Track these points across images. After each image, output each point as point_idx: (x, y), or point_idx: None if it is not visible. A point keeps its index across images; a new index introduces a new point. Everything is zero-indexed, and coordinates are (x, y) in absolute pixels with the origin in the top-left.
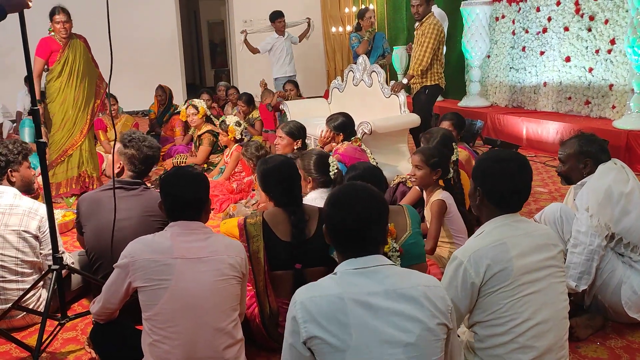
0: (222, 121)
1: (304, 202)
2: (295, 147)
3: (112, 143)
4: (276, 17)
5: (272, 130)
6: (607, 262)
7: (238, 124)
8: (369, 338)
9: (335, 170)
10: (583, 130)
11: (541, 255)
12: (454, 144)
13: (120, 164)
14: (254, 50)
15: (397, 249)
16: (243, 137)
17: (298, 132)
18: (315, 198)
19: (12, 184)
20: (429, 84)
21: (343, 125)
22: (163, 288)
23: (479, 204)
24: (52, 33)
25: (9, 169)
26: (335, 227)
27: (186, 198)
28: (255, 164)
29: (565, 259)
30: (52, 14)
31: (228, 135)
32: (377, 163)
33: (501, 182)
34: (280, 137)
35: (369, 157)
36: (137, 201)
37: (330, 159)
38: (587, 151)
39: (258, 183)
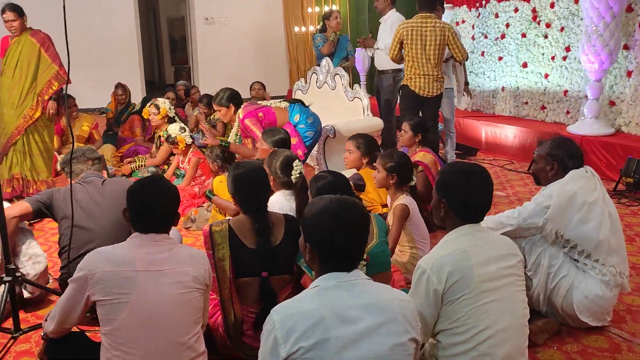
0: (168, 136)
1: (268, 207)
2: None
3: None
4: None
5: None
6: (559, 266)
7: (183, 129)
8: (347, 352)
9: (298, 175)
10: (539, 135)
11: (501, 264)
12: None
13: None
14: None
15: (364, 257)
16: (200, 139)
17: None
18: (279, 200)
19: None
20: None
21: (233, 96)
22: (124, 302)
23: (444, 215)
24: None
25: None
26: (323, 245)
27: (156, 211)
28: (219, 166)
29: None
30: (1, 12)
31: (179, 146)
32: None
33: (466, 194)
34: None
35: (269, 104)
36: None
37: (295, 163)
38: (554, 154)
39: (227, 186)
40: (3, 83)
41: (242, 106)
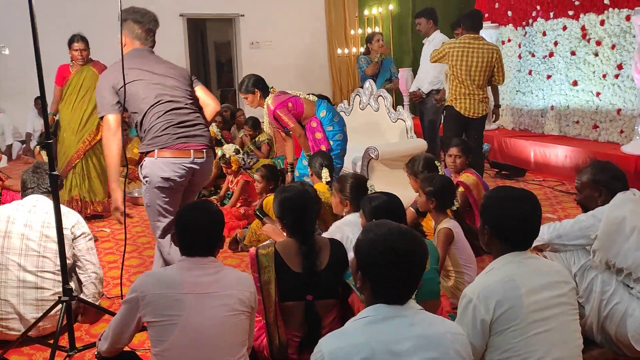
0: (222, 155)
1: (342, 225)
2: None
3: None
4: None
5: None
6: (612, 293)
7: (237, 151)
8: None
9: None
10: (591, 155)
11: (552, 293)
12: (437, 164)
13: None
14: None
15: None
16: (247, 161)
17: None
18: (352, 221)
19: None
20: (446, 104)
21: (257, 82)
22: (173, 324)
23: (488, 241)
24: (73, 61)
25: None
26: (377, 276)
27: (201, 235)
28: (267, 179)
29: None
30: (71, 41)
31: (232, 167)
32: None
33: (510, 220)
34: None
35: (298, 95)
36: None
37: (369, 183)
38: (599, 180)
39: (273, 209)
40: (63, 110)
41: (271, 96)
